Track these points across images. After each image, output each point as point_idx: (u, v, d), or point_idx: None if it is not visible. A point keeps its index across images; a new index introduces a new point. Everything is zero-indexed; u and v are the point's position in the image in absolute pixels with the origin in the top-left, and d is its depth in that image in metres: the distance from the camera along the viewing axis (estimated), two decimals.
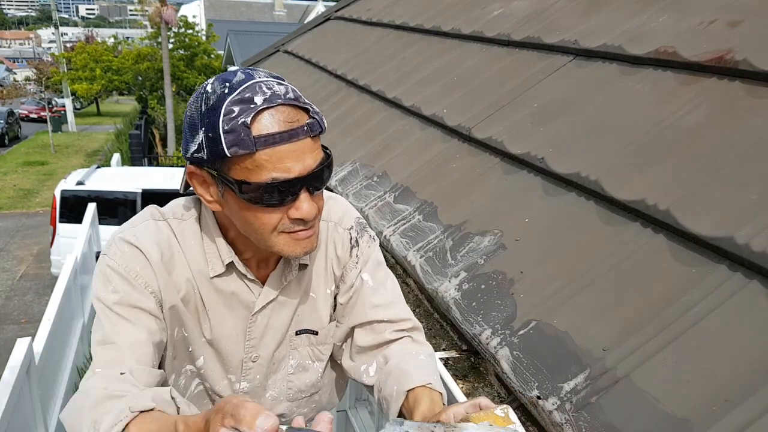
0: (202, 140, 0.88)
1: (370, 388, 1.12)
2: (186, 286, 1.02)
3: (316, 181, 0.90)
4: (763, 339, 1.01)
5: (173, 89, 16.21)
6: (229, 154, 0.84)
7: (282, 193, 0.88)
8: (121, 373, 0.89)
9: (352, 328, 1.12)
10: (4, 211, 11.80)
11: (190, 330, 1.05)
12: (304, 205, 0.90)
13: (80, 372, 5.00)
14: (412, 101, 2.64)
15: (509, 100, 2.19)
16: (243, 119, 0.84)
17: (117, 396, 0.86)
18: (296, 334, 1.14)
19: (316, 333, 1.16)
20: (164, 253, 1.00)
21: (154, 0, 15.11)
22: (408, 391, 1.00)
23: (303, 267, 1.10)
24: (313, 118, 0.89)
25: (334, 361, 1.21)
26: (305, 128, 0.88)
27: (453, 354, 1.49)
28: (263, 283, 1.07)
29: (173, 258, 1.01)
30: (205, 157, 0.88)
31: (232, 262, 1.03)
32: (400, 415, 1.02)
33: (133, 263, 0.97)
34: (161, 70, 15.97)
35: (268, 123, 0.85)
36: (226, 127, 0.84)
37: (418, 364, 1.07)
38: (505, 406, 0.77)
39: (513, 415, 0.76)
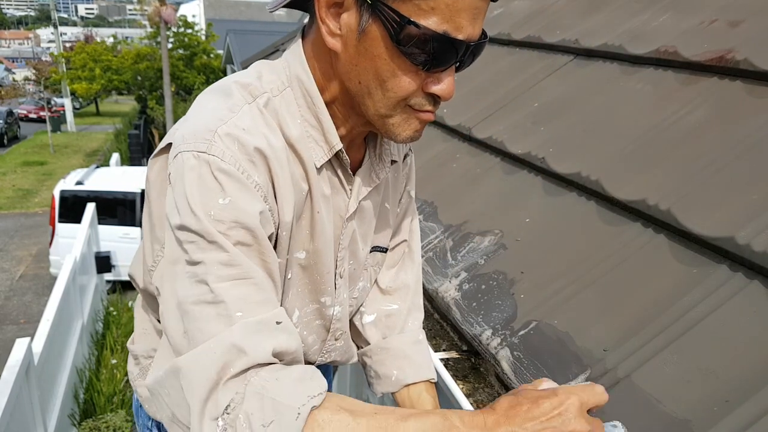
0: None
1: (359, 336, 1.07)
2: (296, 192, 0.78)
3: (473, 55, 0.75)
4: (764, 339, 1.00)
5: (172, 89, 16.20)
6: None
7: (443, 53, 0.70)
8: (278, 322, 0.68)
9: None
10: (3, 211, 11.79)
11: (291, 250, 0.82)
12: (448, 79, 0.74)
13: (79, 372, 5.00)
14: None
15: (509, 100, 2.19)
16: None
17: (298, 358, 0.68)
18: (370, 251, 0.99)
19: (384, 251, 1.02)
20: (277, 151, 0.74)
21: None
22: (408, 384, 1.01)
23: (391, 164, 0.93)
24: None
25: None
26: None
27: (453, 354, 1.49)
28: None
29: (284, 154, 0.76)
30: None
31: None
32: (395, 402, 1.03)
33: (249, 167, 0.70)
34: (160, 70, 15.98)
35: None
36: None
37: (420, 351, 1.08)
38: None
39: None
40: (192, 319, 0.65)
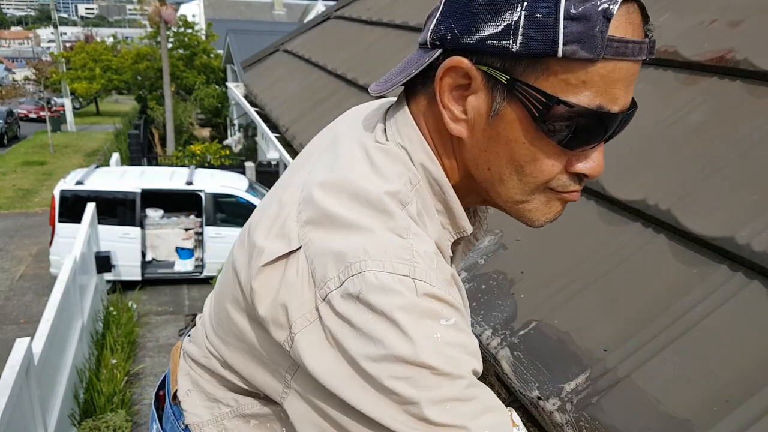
0: (516, 21, 0.58)
1: None
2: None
3: (623, 126, 0.66)
4: (764, 339, 1.00)
5: (172, 89, 16.21)
6: (560, 53, 0.57)
7: (596, 130, 0.62)
8: None
9: None
10: (3, 211, 11.80)
11: None
12: (598, 156, 0.65)
13: (79, 372, 5.00)
14: None
15: None
16: (606, 4, 0.56)
17: None
18: None
19: None
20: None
21: None
22: None
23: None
24: (650, 32, 0.62)
25: None
26: (649, 46, 0.62)
27: None
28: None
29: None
30: (513, 47, 0.58)
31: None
32: None
33: (453, 291, 0.65)
34: (160, 70, 15.98)
35: (624, 22, 0.58)
36: (573, 11, 0.56)
37: None
38: (509, 408, 0.76)
39: (517, 418, 0.75)
40: None
